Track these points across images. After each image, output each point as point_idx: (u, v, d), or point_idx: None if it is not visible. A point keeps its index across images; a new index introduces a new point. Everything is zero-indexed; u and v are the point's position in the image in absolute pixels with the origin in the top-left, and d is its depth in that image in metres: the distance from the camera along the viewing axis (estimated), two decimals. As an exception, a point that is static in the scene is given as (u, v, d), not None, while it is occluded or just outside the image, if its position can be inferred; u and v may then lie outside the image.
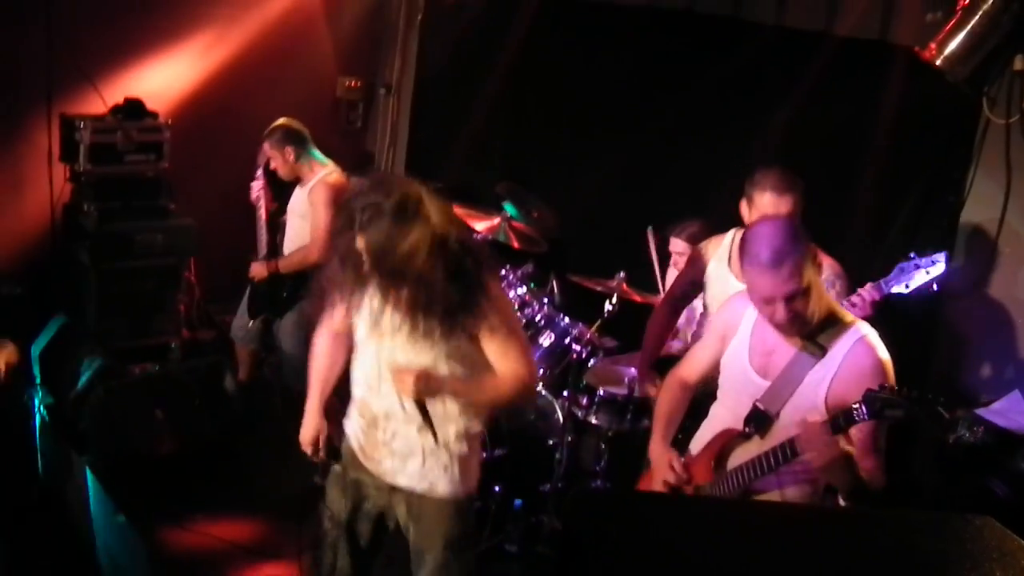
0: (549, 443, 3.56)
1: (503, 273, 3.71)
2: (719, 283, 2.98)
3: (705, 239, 3.15)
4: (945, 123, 3.64)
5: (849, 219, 3.76)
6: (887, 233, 3.76)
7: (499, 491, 3.41)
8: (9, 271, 4.24)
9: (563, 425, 3.49)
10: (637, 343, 3.38)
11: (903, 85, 3.64)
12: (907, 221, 3.72)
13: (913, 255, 2.72)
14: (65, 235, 4.49)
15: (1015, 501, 2.91)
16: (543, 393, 3.63)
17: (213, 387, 4.02)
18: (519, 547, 3.43)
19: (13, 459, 3.34)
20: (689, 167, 4.26)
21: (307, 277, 3.82)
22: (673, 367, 2.58)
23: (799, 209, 2.71)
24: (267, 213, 4.02)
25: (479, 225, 4.04)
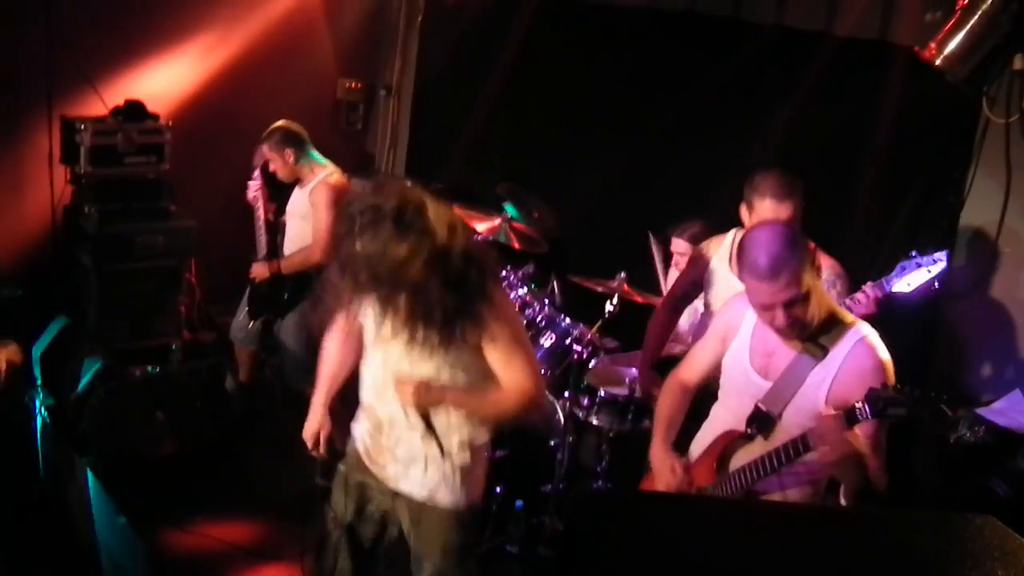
0: (550, 444, 3.56)
1: (504, 274, 3.71)
2: (720, 283, 2.98)
3: (707, 239, 3.15)
4: (945, 123, 3.64)
5: (849, 219, 3.76)
6: (887, 233, 3.77)
7: (500, 492, 3.41)
8: (10, 273, 4.25)
9: (564, 426, 3.49)
10: (638, 343, 3.38)
11: (903, 85, 3.64)
12: (907, 221, 3.73)
13: (914, 253, 2.72)
14: (66, 237, 4.49)
15: (1016, 501, 2.91)
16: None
17: (214, 388, 4.02)
18: (520, 548, 3.42)
19: (14, 460, 3.34)
20: (689, 167, 4.26)
21: (308, 278, 3.84)
22: (673, 369, 2.58)
23: (799, 213, 2.70)
24: (265, 214, 4.02)
25: (480, 226, 4.04)
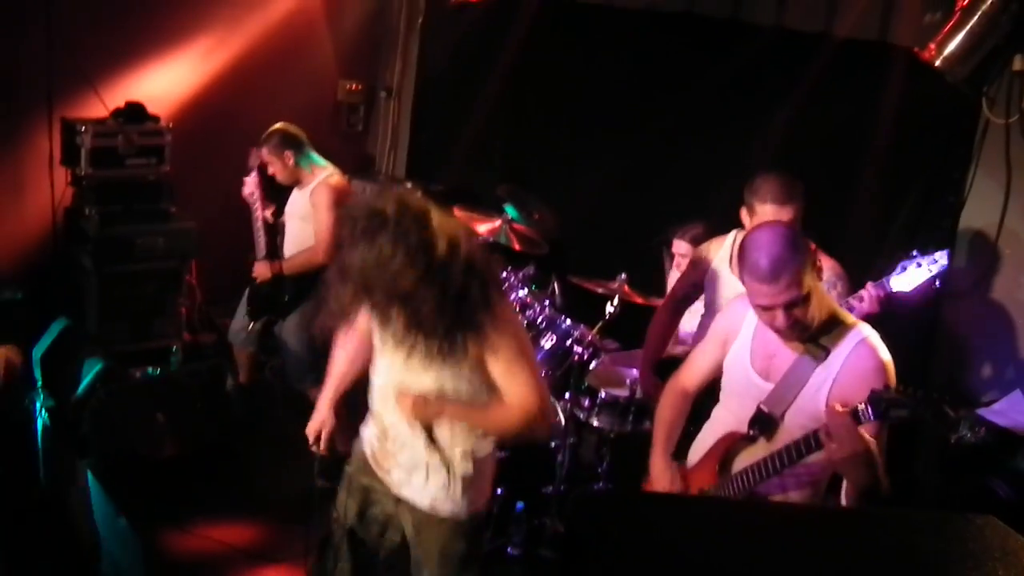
0: (551, 445, 3.56)
1: (504, 275, 3.70)
2: (721, 285, 2.98)
3: (708, 240, 3.15)
4: (945, 123, 3.65)
5: (849, 220, 3.76)
6: (887, 233, 3.77)
7: (501, 493, 3.40)
8: (10, 274, 4.24)
9: (565, 427, 3.49)
10: (638, 345, 3.38)
11: (902, 86, 3.64)
12: (907, 221, 3.73)
13: (915, 253, 2.72)
14: (66, 239, 4.49)
15: (1017, 501, 2.91)
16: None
17: (214, 390, 4.02)
18: (521, 550, 3.42)
19: (14, 462, 3.34)
20: (689, 168, 4.26)
21: (310, 279, 3.83)
22: (673, 373, 2.56)
23: (800, 216, 2.70)
24: (263, 213, 4.01)
25: (480, 227, 4.04)
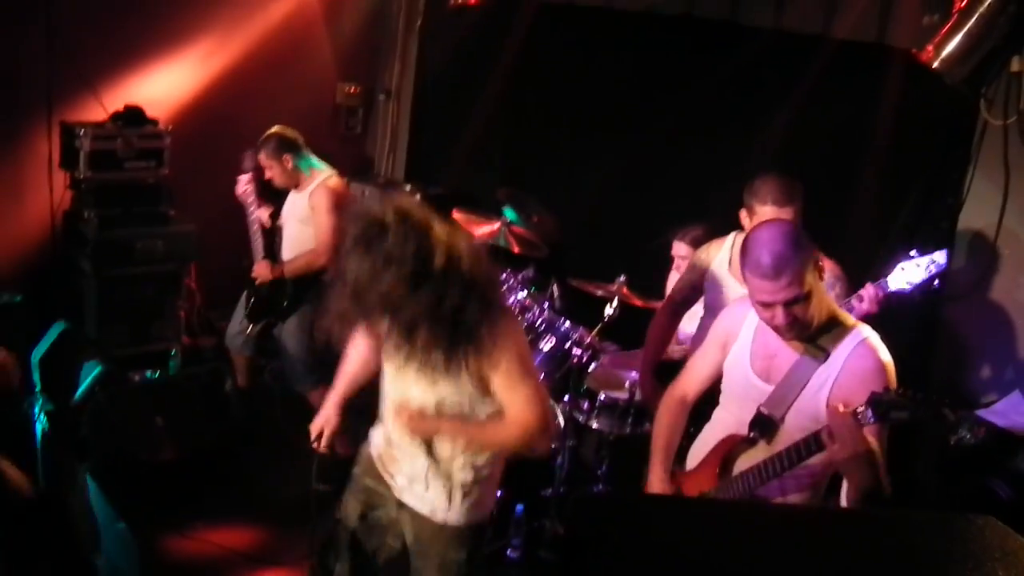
0: (550, 447, 3.56)
1: (503, 278, 3.70)
2: (720, 287, 2.98)
3: (708, 243, 3.15)
4: (943, 125, 3.65)
5: (848, 221, 3.76)
6: (886, 235, 3.77)
7: (500, 496, 3.38)
8: (9, 278, 4.24)
9: (564, 429, 3.49)
10: (638, 347, 3.38)
11: (901, 87, 3.65)
12: (906, 222, 3.73)
13: (914, 253, 2.72)
14: (65, 242, 4.49)
15: (1017, 502, 2.91)
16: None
17: (213, 393, 4.02)
18: (521, 552, 3.42)
19: (13, 465, 3.33)
20: (689, 171, 4.26)
21: (309, 281, 3.84)
22: (673, 380, 2.54)
23: (800, 217, 2.70)
24: (257, 213, 4.00)
25: (479, 230, 4.04)
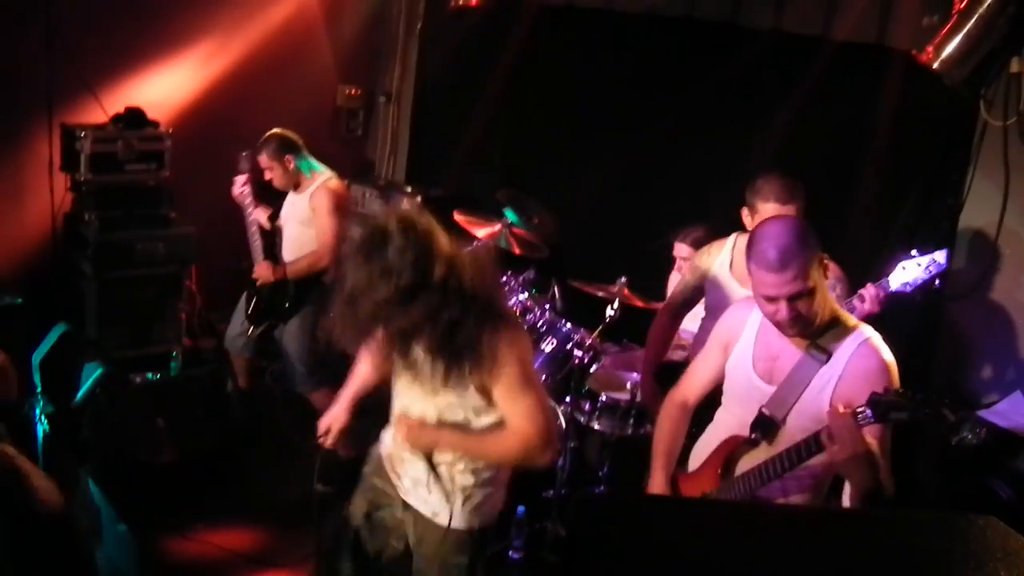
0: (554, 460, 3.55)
1: (504, 279, 3.70)
2: (721, 288, 2.97)
3: (709, 244, 3.14)
4: (943, 126, 3.65)
5: (849, 222, 3.76)
6: (887, 236, 3.77)
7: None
8: (10, 280, 4.24)
9: (565, 431, 3.49)
10: (638, 348, 3.38)
11: (901, 88, 3.65)
12: (906, 223, 3.73)
13: (915, 253, 2.71)
14: (66, 244, 4.49)
15: (1018, 502, 2.90)
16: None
17: (214, 395, 4.02)
18: (523, 553, 3.41)
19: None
20: (689, 172, 4.26)
21: (311, 283, 3.83)
22: (674, 385, 2.52)
23: (801, 216, 2.69)
24: (255, 214, 3.99)
25: (480, 232, 4.04)
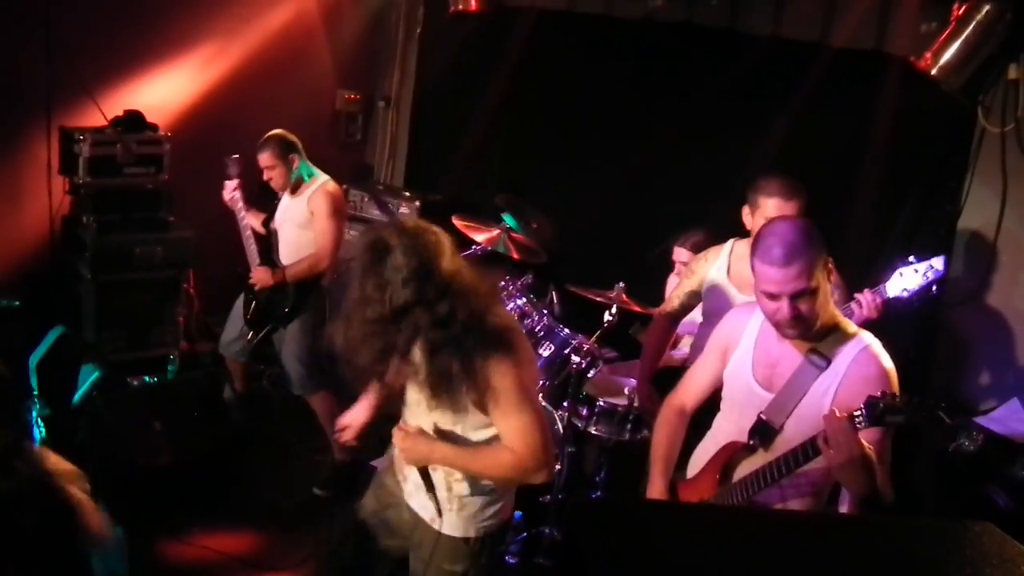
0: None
1: (502, 284, 3.70)
2: (718, 294, 2.98)
3: (708, 248, 3.14)
4: (941, 132, 3.67)
5: (847, 228, 3.77)
6: (885, 242, 3.77)
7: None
8: (8, 283, 4.23)
9: (563, 436, 3.49)
10: (636, 353, 3.38)
11: (899, 95, 3.66)
12: (904, 229, 3.74)
13: (912, 258, 2.71)
14: (64, 247, 4.49)
15: (1015, 509, 2.90)
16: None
17: (211, 398, 4.01)
18: (519, 558, 3.41)
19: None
20: (688, 178, 4.27)
21: (310, 285, 3.83)
22: (672, 391, 2.51)
23: (803, 215, 2.69)
24: (248, 219, 3.98)
25: (478, 237, 4.05)
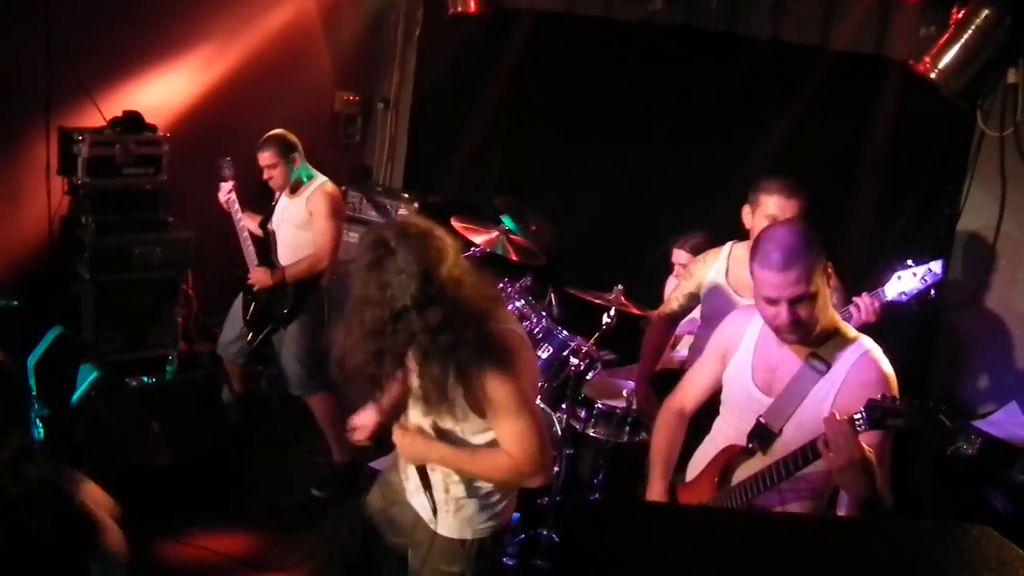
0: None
1: (501, 286, 3.70)
2: (716, 297, 2.97)
3: (708, 250, 3.14)
4: (940, 136, 3.67)
5: (846, 231, 3.77)
6: (884, 245, 3.78)
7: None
8: (6, 283, 4.23)
9: (561, 438, 3.49)
10: (635, 356, 3.38)
11: (898, 98, 3.67)
12: (903, 233, 3.75)
13: (910, 262, 2.71)
14: (63, 248, 4.48)
15: (1014, 513, 2.91)
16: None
17: (210, 399, 4.01)
18: (517, 560, 3.41)
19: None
20: (687, 180, 4.28)
21: (309, 285, 3.82)
22: (670, 393, 2.51)
23: (803, 215, 2.69)
24: (245, 220, 3.98)
25: (477, 238, 4.05)
